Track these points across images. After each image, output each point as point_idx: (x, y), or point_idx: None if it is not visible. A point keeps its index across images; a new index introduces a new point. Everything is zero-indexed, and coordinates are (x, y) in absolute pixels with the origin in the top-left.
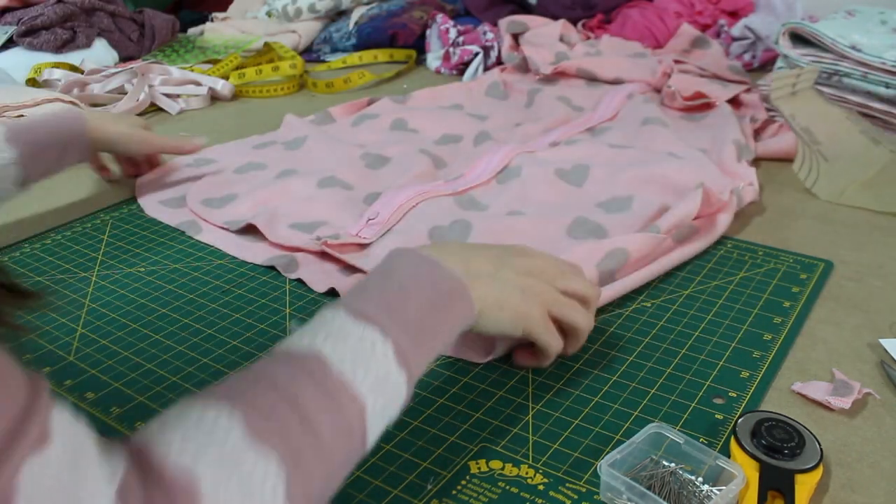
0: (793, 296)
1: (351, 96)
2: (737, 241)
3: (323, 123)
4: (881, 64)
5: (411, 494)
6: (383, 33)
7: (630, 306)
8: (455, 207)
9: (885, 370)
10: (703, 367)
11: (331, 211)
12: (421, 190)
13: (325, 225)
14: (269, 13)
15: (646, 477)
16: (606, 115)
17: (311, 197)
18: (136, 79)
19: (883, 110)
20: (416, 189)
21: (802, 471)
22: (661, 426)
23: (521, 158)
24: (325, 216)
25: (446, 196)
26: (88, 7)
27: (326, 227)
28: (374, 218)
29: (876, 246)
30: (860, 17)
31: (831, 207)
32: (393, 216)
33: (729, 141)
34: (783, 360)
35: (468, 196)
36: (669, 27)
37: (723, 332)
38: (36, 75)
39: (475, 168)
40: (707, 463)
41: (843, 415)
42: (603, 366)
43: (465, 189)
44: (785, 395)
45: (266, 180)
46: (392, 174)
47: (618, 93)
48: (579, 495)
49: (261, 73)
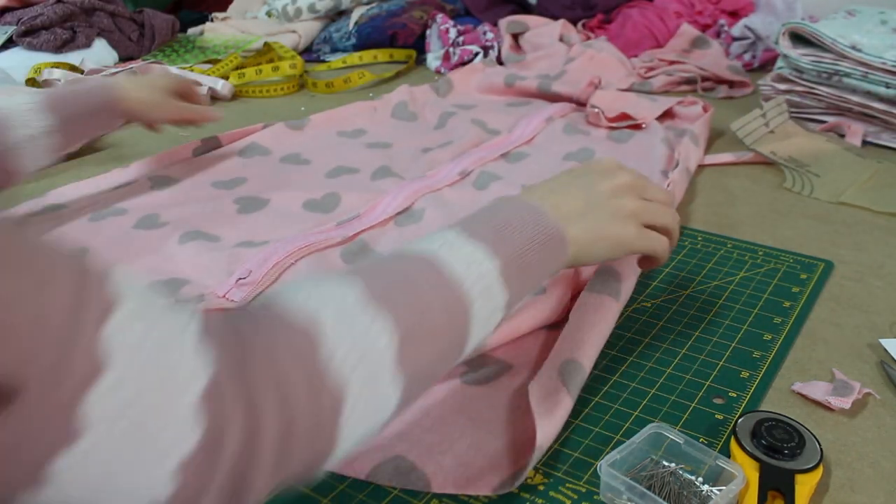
0: (793, 296)
1: (351, 96)
2: (737, 241)
3: (208, 152)
4: (881, 64)
5: (411, 494)
6: (383, 33)
7: (630, 306)
8: (340, 263)
9: (886, 370)
10: (703, 367)
11: (194, 267)
12: (303, 243)
13: (187, 284)
14: (269, 13)
15: (646, 477)
16: (523, 138)
17: (173, 253)
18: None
19: (883, 110)
20: (296, 243)
21: (802, 471)
22: (661, 426)
23: (425, 200)
24: (188, 273)
25: (333, 247)
26: (88, 7)
27: (189, 286)
28: (246, 277)
29: (876, 246)
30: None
31: (831, 207)
32: (267, 276)
33: (656, 172)
34: (783, 360)
35: (359, 241)
36: (669, 27)
37: (723, 332)
38: (36, 75)
39: (374, 208)
40: (707, 463)
41: (844, 415)
42: (603, 366)
43: (356, 234)
44: (785, 395)
45: (121, 232)
46: (269, 219)
47: (536, 115)
48: (579, 495)
49: (261, 73)
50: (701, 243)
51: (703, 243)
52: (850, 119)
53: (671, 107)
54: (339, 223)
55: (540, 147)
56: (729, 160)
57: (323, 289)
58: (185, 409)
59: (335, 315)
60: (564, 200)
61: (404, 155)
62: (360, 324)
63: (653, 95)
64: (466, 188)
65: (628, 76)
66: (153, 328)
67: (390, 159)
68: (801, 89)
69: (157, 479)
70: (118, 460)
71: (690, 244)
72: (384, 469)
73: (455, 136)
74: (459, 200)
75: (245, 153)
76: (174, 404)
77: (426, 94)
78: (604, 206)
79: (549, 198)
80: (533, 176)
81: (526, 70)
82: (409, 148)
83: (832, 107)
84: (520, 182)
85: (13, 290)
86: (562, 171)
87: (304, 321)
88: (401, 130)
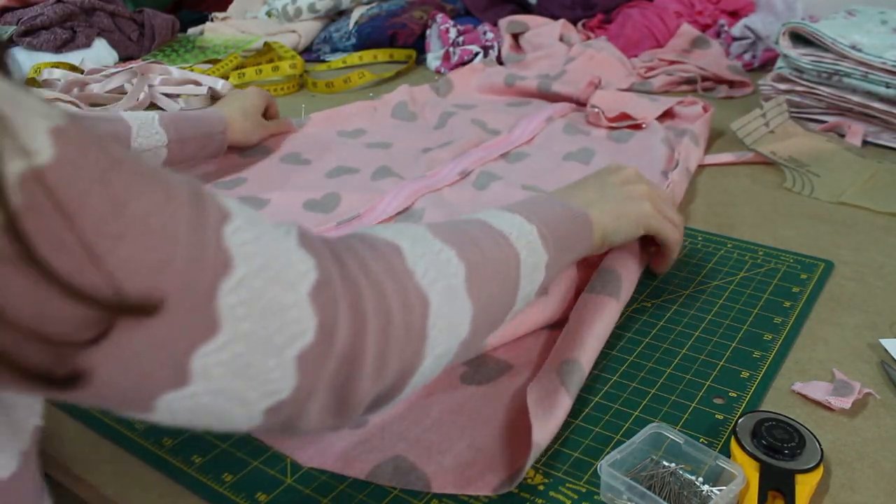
0: (793, 296)
1: (351, 96)
2: (737, 241)
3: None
4: (882, 64)
5: (411, 494)
6: (383, 33)
7: (630, 306)
8: None
9: (886, 370)
10: (703, 367)
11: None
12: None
13: None
14: (269, 13)
15: (646, 477)
16: (523, 139)
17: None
18: (136, 79)
19: (883, 110)
20: None
21: (803, 471)
22: (662, 426)
23: (425, 200)
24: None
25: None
26: (88, 7)
27: None
28: None
29: (876, 246)
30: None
31: (831, 207)
32: None
33: (656, 172)
34: (783, 360)
35: None
36: (669, 27)
37: (723, 332)
38: (35, 75)
39: (374, 208)
40: (707, 463)
41: (844, 415)
42: (603, 366)
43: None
44: (785, 395)
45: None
46: (269, 219)
47: (536, 115)
48: (579, 495)
49: (261, 72)
50: (701, 243)
51: (703, 243)
52: (851, 119)
53: (671, 107)
54: (339, 223)
55: (540, 147)
56: (729, 160)
57: (395, 227)
58: (302, 300)
59: (411, 240)
60: (581, 193)
61: (404, 155)
62: (431, 250)
63: (653, 95)
64: (466, 188)
65: (628, 76)
66: (264, 232)
67: (390, 159)
68: (802, 89)
69: (282, 369)
70: (249, 352)
71: (690, 244)
72: (384, 469)
73: (455, 136)
74: (459, 200)
75: (245, 153)
76: (292, 297)
77: (426, 94)
78: (617, 192)
79: (567, 192)
80: (533, 176)
81: (526, 70)
82: (409, 148)
83: (832, 107)
84: (520, 182)
85: (150, 202)
86: (573, 183)
87: (384, 242)
88: (401, 130)
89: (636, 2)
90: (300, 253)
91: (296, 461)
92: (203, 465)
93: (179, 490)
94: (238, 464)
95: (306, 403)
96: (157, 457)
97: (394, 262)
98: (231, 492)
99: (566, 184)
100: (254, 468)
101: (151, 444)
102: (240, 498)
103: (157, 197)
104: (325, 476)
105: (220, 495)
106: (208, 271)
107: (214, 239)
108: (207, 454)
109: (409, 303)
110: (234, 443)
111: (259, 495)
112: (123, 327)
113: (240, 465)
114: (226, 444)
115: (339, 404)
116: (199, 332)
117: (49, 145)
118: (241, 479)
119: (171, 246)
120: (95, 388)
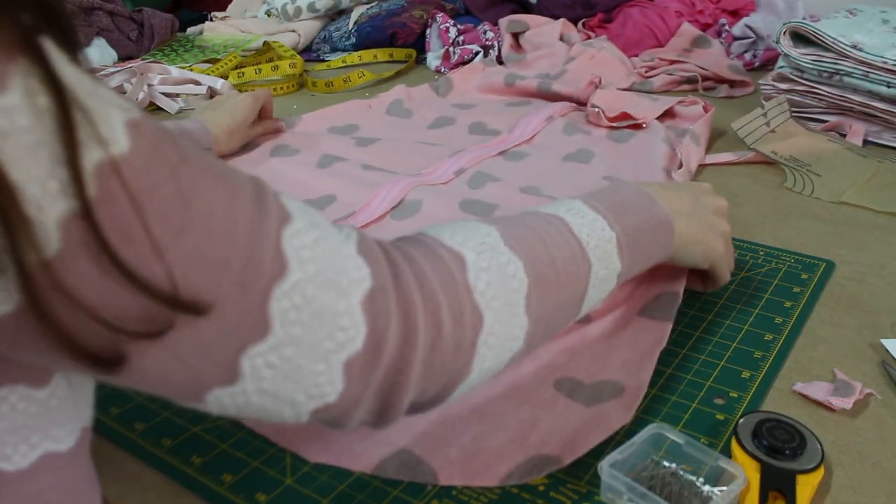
0: (794, 296)
1: (351, 96)
2: (737, 241)
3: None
4: (883, 63)
5: (411, 494)
6: (383, 32)
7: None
8: None
9: (887, 370)
10: (703, 367)
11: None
12: None
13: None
14: (269, 12)
15: (647, 477)
16: (523, 138)
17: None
18: (135, 78)
19: (884, 110)
20: None
21: (804, 471)
22: (662, 426)
23: (420, 191)
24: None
25: None
26: (87, 6)
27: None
28: None
29: (877, 246)
30: (862, 17)
31: (832, 207)
32: None
33: (657, 171)
34: (784, 361)
35: None
36: (670, 26)
37: (724, 332)
38: None
39: (368, 205)
40: (708, 463)
41: (845, 415)
42: None
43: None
44: (786, 396)
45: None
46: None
47: (536, 114)
48: (580, 496)
49: (260, 72)
50: None
51: None
52: (852, 118)
53: (672, 106)
54: (335, 221)
55: (540, 146)
56: (730, 160)
57: (465, 228)
58: (354, 308)
59: (477, 249)
60: (676, 198)
61: (399, 152)
62: (497, 262)
63: (653, 95)
64: (461, 186)
65: (629, 75)
66: (324, 237)
67: (384, 156)
68: (803, 89)
69: (330, 374)
70: (298, 355)
71: None
72: (390, 463)
73: (452, 135)
74: (455, 191)
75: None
76: (344, 304)
77: (425, 93)
78: (705, 217)
79: (661, 192)
80: (532, 175)
81: (526, 69)
82: (403, 145)
83: (833, 106)
84: (518, 182)
85: (215, 198)
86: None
87: (449, 252)
88: (395, 127)
89: (637, 1)
90: (357, 260)
91: (303, 457)
92: (202, 465)
93: (179, 490)
94: (238, 464)
95: (352, 408)
96: (156, 457)
97: (455, 275)
98: (231, 492)
99: (566, 184)
100: (253, 468)
101: (151, 444)
102: (239, 498)
103: (222, 193)
104: (325, 476)
105: (219, 496)
106: (264, 274)
107: (273, 242)
108: (207, 454)
109: (462, 319)
110: (234, 443)
111: (258, 495)
112: (179, 325)
113: (239, 466)
114: (225, 445)
115: (382, 409)
116: (250, 332)
117: (125, 137)
118: (240, 479)
119: (230, 245)
120: (141, 375)
